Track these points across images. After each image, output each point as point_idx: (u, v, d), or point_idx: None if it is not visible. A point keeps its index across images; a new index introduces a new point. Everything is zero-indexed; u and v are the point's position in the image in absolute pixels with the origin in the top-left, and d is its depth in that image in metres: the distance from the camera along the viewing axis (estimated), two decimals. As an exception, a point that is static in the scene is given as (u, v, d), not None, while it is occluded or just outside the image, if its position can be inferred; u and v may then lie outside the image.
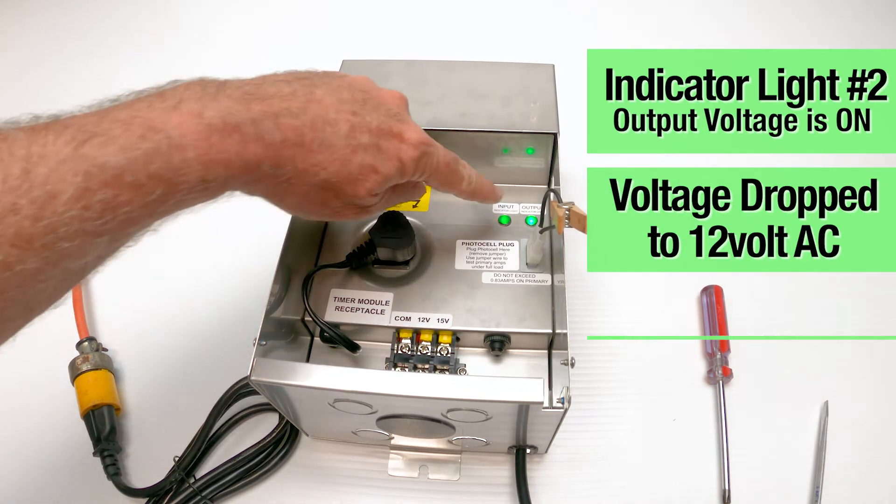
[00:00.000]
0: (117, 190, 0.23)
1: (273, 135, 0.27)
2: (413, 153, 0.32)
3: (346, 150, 0.30)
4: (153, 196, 0.24)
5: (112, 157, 0.23)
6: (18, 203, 0.21)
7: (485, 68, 0.48)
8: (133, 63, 0.73)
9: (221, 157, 0.25)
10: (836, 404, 0.43)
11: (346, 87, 0.31)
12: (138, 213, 0.24)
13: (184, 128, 0.24)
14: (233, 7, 0.80)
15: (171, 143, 0.24)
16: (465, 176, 0.38)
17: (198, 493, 0.40)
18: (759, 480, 0.41)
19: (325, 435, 0.43)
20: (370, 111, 0.31)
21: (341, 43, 0.74)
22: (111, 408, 0.43)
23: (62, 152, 0.22)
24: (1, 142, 0.22)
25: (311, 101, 0.29)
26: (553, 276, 0.40)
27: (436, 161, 0.34)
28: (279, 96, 0.28)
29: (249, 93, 0.27)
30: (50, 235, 0.21)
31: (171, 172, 0.24)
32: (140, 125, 0.24)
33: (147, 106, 0.25)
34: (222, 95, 0.26)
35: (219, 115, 0.25)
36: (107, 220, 0.23)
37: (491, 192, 0.41)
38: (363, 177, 0.30)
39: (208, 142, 0.25)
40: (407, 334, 0.39)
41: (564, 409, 0.31)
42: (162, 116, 0.24)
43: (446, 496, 0.41)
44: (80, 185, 0.22)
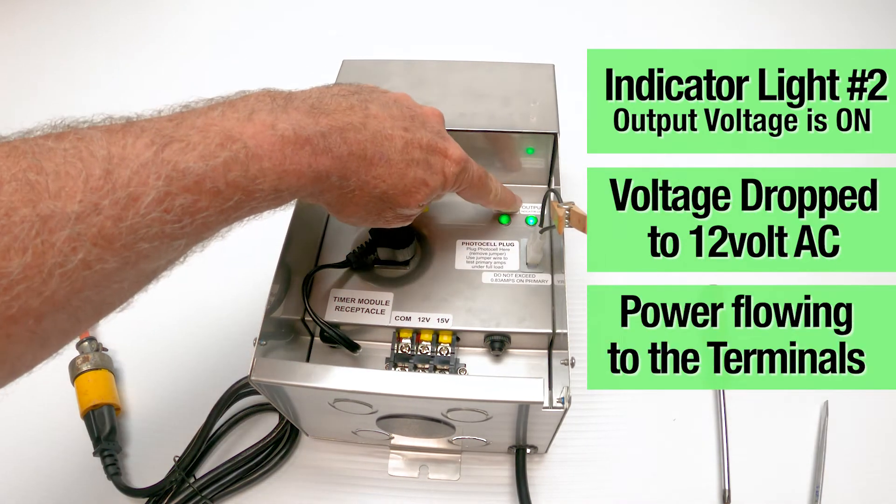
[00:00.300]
0: (197, 195, 0.23)
1: (340, 148, 0.29)
2: (455, 169, 0.35)
3: (402, 165, 0.32)
4: (230, 203, 0.25)
5: (193, 163, 0.23)
6: (101, 203, 0.21)
7: (485, 68, 0.48)
8: (134, 62, 0.73)
9: (294, 167, 0.27)
10: (836, 404, 0.43)
11: (394, 103, 0.33)
12: (214, 218, 0.25)
13: (259, 138, 0.25)
14: (233, 6, 0.80)
15: (249, 152, 0.25)
16: (493, 188, 0.40)
17: (198, 492, 0.40)
18: (759, 480, 0.41)
19: (325, 435, 0.43)
20: (419, 128, 0.33)
21: (341, 43, 0.74)
22: (111, 408, 0.43)
23: (143, 155, 0.22)
24: (78, 141, 0.22)
25: (368, 117, 0.31)
26: (553, 276, 0.40)
27: (471, 175, 0.37)
28: (340, 110, 0.30)
29: (314, 106, 0.29)
30: (131, 236, 0.22)
31: (247, 181, 0.25)
32: (217, 133, 0.24)
33: (221, 115, 0.26)
34: (290, 108, 0.28)
35: (291, 128, 0.27)
36: (185, 225, 0.23)
37: (513, 200, 0.43)
38: (415, 189, 0.33)
39: (282, 153, 0.26)
40: (407, 334, 0.39)
41: (564, 409, 0.31)
42: (237, 126, 0.25)
43: (446, 496, 0.41)
44: (163, 188, 0.22)
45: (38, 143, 0.22)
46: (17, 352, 0.22)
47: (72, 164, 0.21)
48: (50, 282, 0.20)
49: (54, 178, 0.21)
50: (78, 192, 0.21)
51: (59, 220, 0.20)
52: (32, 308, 0.20)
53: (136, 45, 0.75)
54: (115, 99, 0.68)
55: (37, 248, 0.20)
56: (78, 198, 0.21)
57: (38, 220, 0.20)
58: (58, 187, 0.20)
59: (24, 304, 0.20)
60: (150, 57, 0.74)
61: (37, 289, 0.20)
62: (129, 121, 0.25)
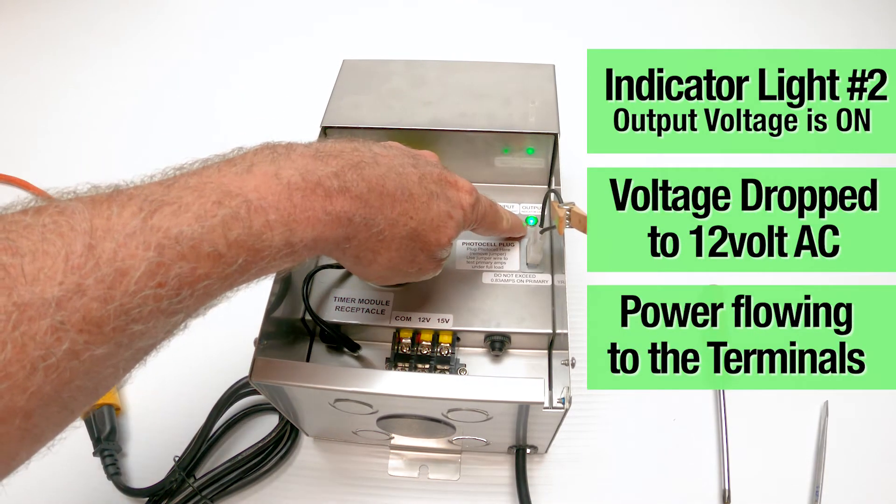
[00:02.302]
0: (195, 262, 0.21)
1: (359, 185, 0.27)
2: (470, 200, 0.33)
3: (425, 198, 0.30)
4: (234, 266, 0.22)
5: (187, 226, 0.21)
6: (84, 283, 0.19)
7: (485, 68, 0.48)
8: (134, 63, 0.73)
9: (306, 215, 0.24)
10: (835, 404, 0.43)
11: (389, 146, 0.32)
12: (218, 285, 0.22)
13: (262, 190, 0.23)
14: (233, 6, 0.80)
15: (251, 206, 0.22)
16: (504, 216, 0.39)
17: (198, 492, 0.40)
18: (759, 480, 0.41)
19: (325, 435, 0.43)
20: (423, 164, 0.31)
21: (341, 43, 0.74)
22: (111, 408, 0.43)
23: (130, 224, 0.20)
24: (58, 215, 0.20)
25: (376, 155, 0.29)
26: (553, 276, 0.40)
27: (483, 206, 0.36)
28: (347, 151, 0.28)
29: (319, 150, 0.27)
30: (122, 318, 0.19)
31: (252, 238, 0.22)
32: (213, 190, 0.22)
33: (217, 171, 0.23)
34: (294, 155, 0.26)
35: (297, 173, 0.24)
36: (184, 297, 0.21)
37: (521, 224, 0.42)
38: (443, 224, 0.31)
39: (290, 201, 0.24)
40: (407, 334, 0.39)
41: (565, 409, 0.31)
42: (236, 181, 0.23)
43: (446, 496, 0.41)
44: (153, 259, 0.20)
45: (14, 220, 0.19)
46: (9, 451, 0.20)
47: (51, 241, 0.19)
48: (34, 376, 0.18)
49: (31, 258, 0.18)
50: (58, 272, 0.18)
51: (39, 307, 0.18)
52: (19, 406, 0.18)
53: (137, 44, 0.75)
54: (109, 99, 0.68)
55: (16, 341, 0.18)
56: (58, 279, 0.18)
57: (14, 311, 0.18)
58: (35, 269, 0.18)
59: (8, 403, 0.18)
60: (149, 58, 0.74)
61: (21, 385, 0.18)
62: (116, 188, 0.22)
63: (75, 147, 0.64)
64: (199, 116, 0.66)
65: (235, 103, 0.67)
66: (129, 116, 0.66)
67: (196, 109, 0.67)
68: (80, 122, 0.66)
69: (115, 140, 0.65)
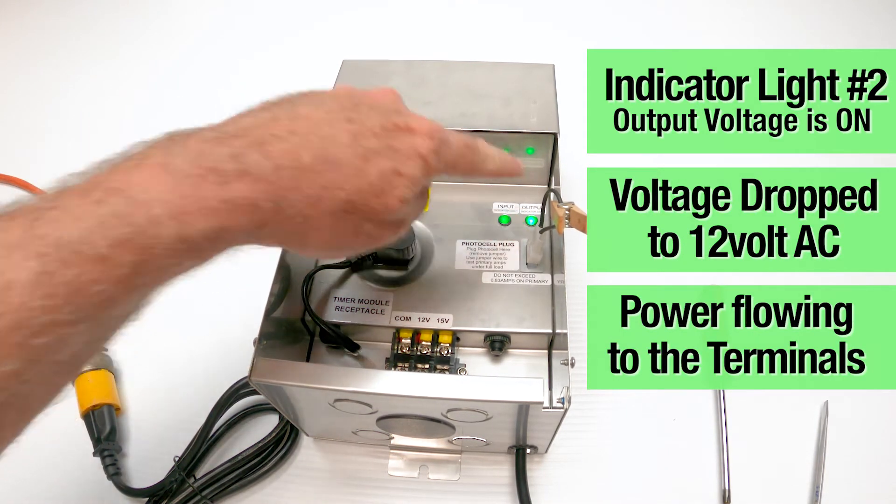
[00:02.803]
0: (79, 268, 0.19)
1: (262, 165, 0.24)
2: (429, 143, 0.28)
3: (358, 162, 0.26)
4: (125, 268, 0.20)
5: (65, 231, 0.19)
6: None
7: (485, 68, 0.48)
8: (135, 63, 0.73)
9: (198, 206, 0.22)
10: (835, 404, 0.43)
11: (330, 98, 0.28)
12: (114, 290, 0.21)
13: (147, 183, 0.21)
14: (233, 6, 0.80)
15: (132, 202, 0.21)
16: (489, 153, 0.33)
17: (198, 492, 0.40)
18: (759, 480, 0.41)
19: (325, 435, 0.43)
20: (366, 113, 0.27)
21: (341, 43, 0.74)
22: (111, 408, 0.43)
23: (13, 235, 0.19)
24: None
25: (296, 120, 0.26)
26: (553, 276, 0.40)
27: (455, 146, 0.30)
28: (259, 125, 0.25)
29: (225, 131, 0.24)
30: (20, 332, 0.18)
31: (138, 236, 0.21)
32: (97, 189, 0.21)
33: (109, 168, 0.22)
34: (192, 141, 0.23)
35: (187, 161, 0.22)
36: (79, 306, 0.20)
37: (515, 163, 0.36)
38: (388, 185, 0.27)
39: (177, 191, 0.22)
40: (407, 334, 0.39)
41: (564, 409, 0.31)
42: (123, 177, 0.22)
43: (446, 496, 0.41)
44: (35, 269, 0.19)
45: None
46: None
47: None
48: None
49: None
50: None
51: None
52: None
53: (136, 44, 0.75)
54: (105, 99, 0.68)
55: None
56: None
57: None
58: None
59: None
60: (147, 58, 0.74)
61: None
62: (15, 203, 0.21)
63: (75, 147, 0.64)
64: (200, 116, 0.64)
65: (236, 103, 0.66)
66: (129, 116, 0.66)
67: (196, 109, 0.66)
68: (80, 122, 0.67)
69: (115, 140, 0.64)
